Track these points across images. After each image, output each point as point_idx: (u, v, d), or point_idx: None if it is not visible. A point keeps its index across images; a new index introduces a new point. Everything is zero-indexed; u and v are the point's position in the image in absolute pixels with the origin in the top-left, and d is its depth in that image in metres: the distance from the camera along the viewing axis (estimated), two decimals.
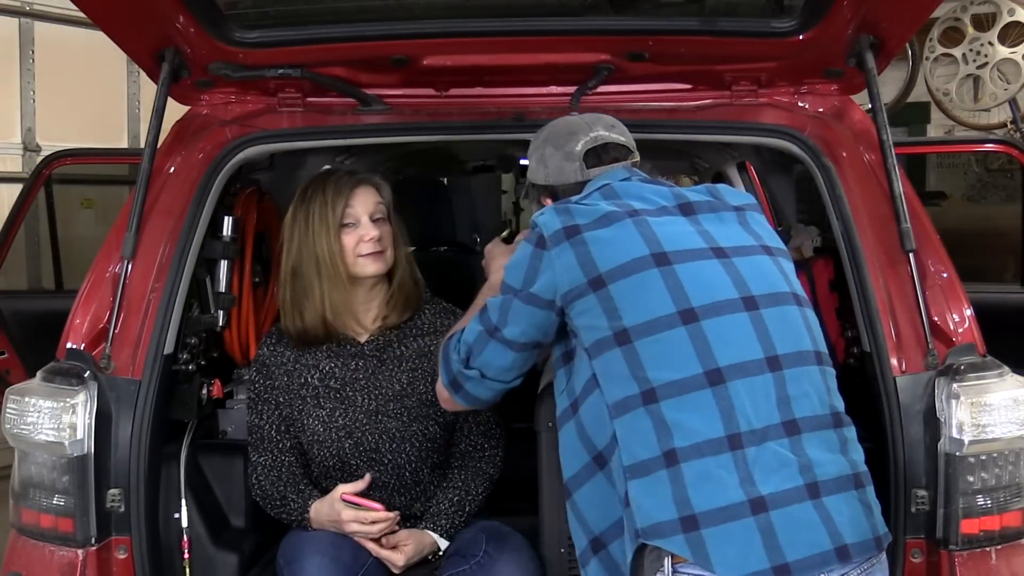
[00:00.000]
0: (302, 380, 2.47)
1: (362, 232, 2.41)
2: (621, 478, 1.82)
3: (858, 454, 1.87)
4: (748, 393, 1.79)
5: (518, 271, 1.96)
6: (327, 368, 2.47)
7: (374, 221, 2.44)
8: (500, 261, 2.21)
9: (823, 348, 1.94)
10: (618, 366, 1.83)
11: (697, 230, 1.93)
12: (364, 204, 2.44)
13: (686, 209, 1.97)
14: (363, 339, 2.49)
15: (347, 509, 2.33)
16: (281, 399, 2.48)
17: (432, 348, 2.48)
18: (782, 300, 1.90)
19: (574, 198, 2.00)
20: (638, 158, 2.14)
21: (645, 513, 1.76)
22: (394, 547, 2.35)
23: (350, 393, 2.45)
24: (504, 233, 2.42)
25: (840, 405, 1.90)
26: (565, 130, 2.13)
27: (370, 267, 2.42)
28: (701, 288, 1.85)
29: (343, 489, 2.35)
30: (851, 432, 1.88)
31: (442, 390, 2.12)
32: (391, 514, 2.34)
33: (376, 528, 2.32)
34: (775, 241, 2.02)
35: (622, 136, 2.13)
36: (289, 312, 2.46)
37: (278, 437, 2.48)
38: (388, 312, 2.49)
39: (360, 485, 2.36)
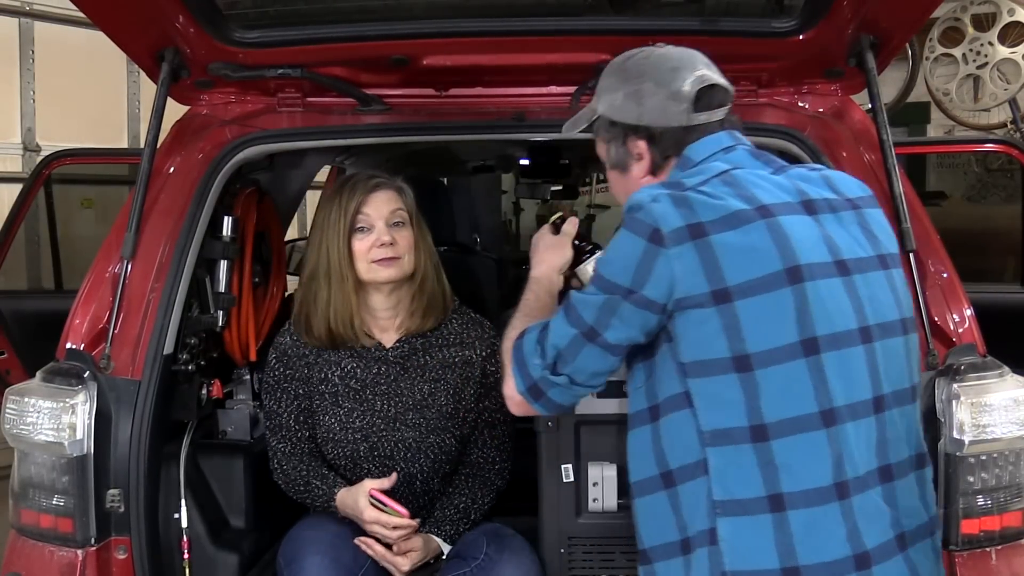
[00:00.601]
0: (322, 375, 2.46)
1: (375, 237, 2.39)
2: (701, 508, 1.69)
3: (932, 495, 1.83)
4: (855, 437, 1.69)
5: (625, 268, 1.72)
6: (349, 368, 2.46)
7: (391, 226, 2.40)
8: (549, 254, 2.10)
9: (918, 379, 1.84)
10: (731, 394, 1.67)
11: (822, 236, 1.75)
12: (380, 208, 2.41)
13: (808, 207, 1.77)
14: (388, 344, 2.47)
15: (371, 509, 2.30)
16: (300, 390, 2.47)
17: (456, 360, 2.47)
18: (892, 331, 1.77)
19: (688, 180, 1.76)
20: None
21: (740, 555, 1.65)
22: (402, 552, 2.33)
23: (370, 396, 2.44)
24: (555, 217, 2.21)
25: (924, 443, 1.84)
26: (666, 64, 1.86)
27: (382, 273, 2.39)
28: (826, 314, 1.69)
29: (370, 484, 2.32)
30: (929, 471, 1.83)
31: (515, 395, 1.87)
32: (413, 522, 2.32)
33: (396, 534, 2.31)
34: (891, 243, 1.85)
35: (721, 76, 1.90)
36: (299, 312, 2.46)
37: (296, 426, 2.47)
38: (411, 318, 2.46)
39: (387, 483, 2.33)
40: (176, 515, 2.38)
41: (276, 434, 2.48)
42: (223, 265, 2.62)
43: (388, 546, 2.32)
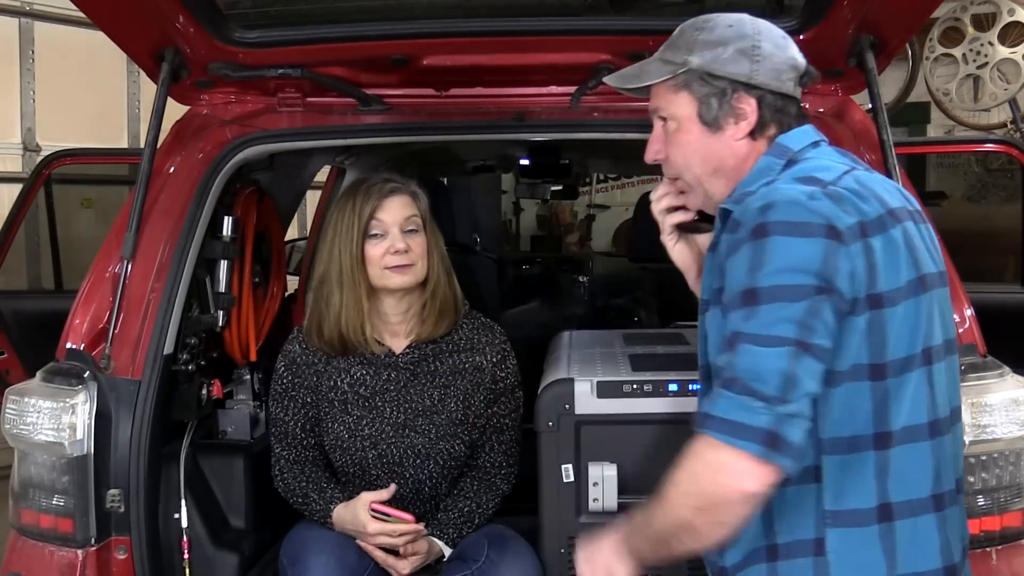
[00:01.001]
0: (331, 383, 2.45)
1: (389, 244, 2.37)
2: (811, 518, 1.62)
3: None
4: (946, 449, 1.68)
5: (806, 271, 1.55)
6: (358, 375, 2.44)
7: (405, 232, 2.38)
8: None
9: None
10: (862, 402, 1.60)
11: (925, 245, 1.72)
12: (394, 214, 2.38)
13: (912, 215, 1.73)
14: (398, 350, 2.46)
15: (374, 522, 2.29)
16: (308, 399, 2.46)
17: (467, 365, 2.46)
18: (953, 348, 1.76)
19: (821, 175, 1.67)
20: None
21: (849, 569, 1.61)
22: (407, 555, 2.32)
23: (379, 403, 2.43)
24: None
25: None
26: (775, 31, 1.77)
27: (395, 279, 2.38)
28: (932, 325, 1.67)
29: (368, 498, 2.31)
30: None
31: (746, 469, 1.51)
32: (419, 526, 2.32)
33: (402, 540, 2.30)
34: (942, 259, 1.80)
35: None
36: (310, 318, 2.44)
37: (302, 435, 2.47)
38: (422, 324, 2.44)
39: (384, 495, 2.32)
40: (176, 515, 2.38)
41: (281, 441, 2.48)
42: (223, 265, 2.62)
43: (388, 549, 2.32)
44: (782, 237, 1.57)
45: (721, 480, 1.53)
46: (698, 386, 2.11)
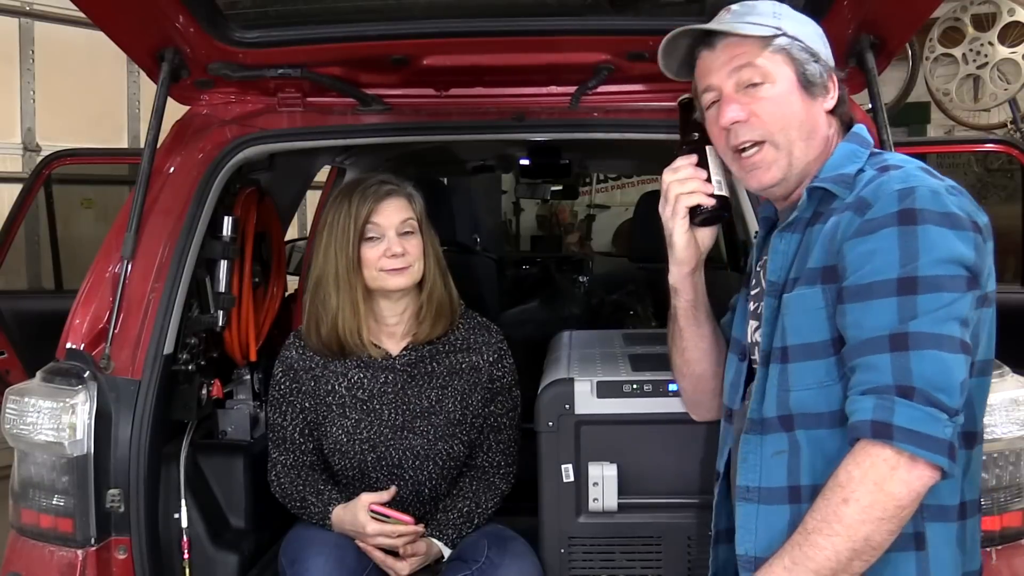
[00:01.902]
0: (329, 387, 2.45)
1: (385, 247, 2.36)
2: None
3: None
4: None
5: (965, 261, 1.58)
6: (356, 378, 2.44)
7: (401, 235, 2.38)
8: None
9: None
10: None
11: None
12: (390, 217, 2.38)
13: None
14: (395, 353, 2.46)
15: (373, 523, 2.29)
16: (307, 404, 2.46)
17: (464, 366, 2.46)
18: None
19: (944, 182, 1.65)
20: None
21: (943, 565, 1.62)
22: (407, 556, 2.32)
23: (377, 406, 2.43)
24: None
25: None
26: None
27: (391, 281, 2.37)
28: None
29: (368, 499, 2.31)
30: None
31: (932, 478, 1.53)
32: (419, 527, 2.32)
33: (402, 541, 2.30)
34: None
35: None
36: (308, 321, 2.44)
37: (300, 440, 2.47)
38: (419, 326, 2.45)
39: (385, 496, 2.33)
40: (176, 515, 2.38)
41: (279, 447, 2.47)
42: (223, 265, 2.62)
43: (387, 550, 2.32)
44: (936, 227, 1.57)
45: (916, 487, 1.52)
46: None
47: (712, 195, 1.86)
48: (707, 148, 1.87)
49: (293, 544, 2.35)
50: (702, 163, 1.88)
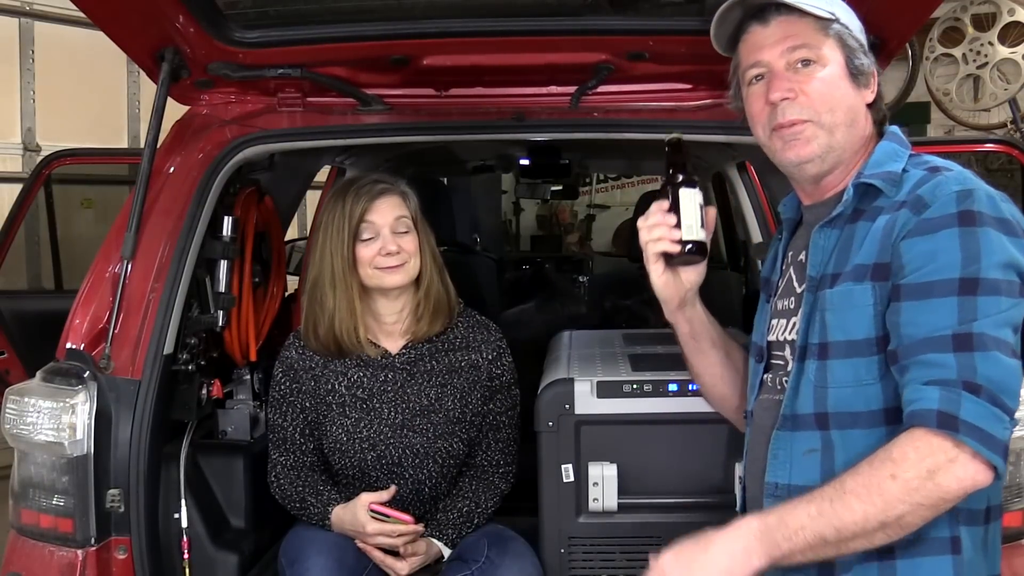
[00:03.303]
0: (329, 387, 2.45)
1: (380, 245, 2.37)
2: (945, 516, 1.56)
3: None
4: None
5: (1021, 267, 1.58)
6: (355, 377, 2.44)
7: (396, 233, 2.39)
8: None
9: None
10: None
11: None
12: (384, 215, 2.39)
13: None
14: (394, 351, 2.46)
15: (373, 522, 2.29)
16: (307, 403, 2.46)
17: (463, 364, 2.46)
18: None
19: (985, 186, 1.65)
20: None
21: (973, 569, 1.61)
22: (407, 556, 2.32)
23: (376, 405, 2.43)
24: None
25: None
26: None
27: (387, 279, 2.38)
28: None
29: (368, 499, 2.31)
30: None
31: (987, 478, 1.51)
32: (419, 527, 2.31)
33: (401, 541, 2.30)
34: None
35: None
36: (306, 322, 2.44)
37: (301, 440, 2.47)
38: (417, 323, 2.45)
39: (384, 496, 2.33)
40: (176, 515, 2.38)
41: (279, 447, 2.47)
42: (223, 265, 2.62)
43: (387, 550, 2.32)
44: (995, 232, 1.56)
45: (966, 485, 1.50)
46: (696, 387, 2.12)
47: (681, 240, 1.84)
48: (681, 191, 1.86)
49: (293, 544, 2.35)
50: (674, 207, 1.85)
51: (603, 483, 2.26)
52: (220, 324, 2.62)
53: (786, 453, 1.72)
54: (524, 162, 4.28)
